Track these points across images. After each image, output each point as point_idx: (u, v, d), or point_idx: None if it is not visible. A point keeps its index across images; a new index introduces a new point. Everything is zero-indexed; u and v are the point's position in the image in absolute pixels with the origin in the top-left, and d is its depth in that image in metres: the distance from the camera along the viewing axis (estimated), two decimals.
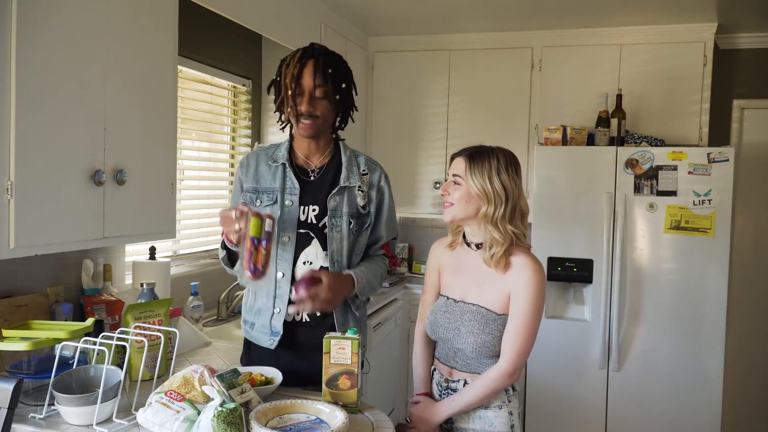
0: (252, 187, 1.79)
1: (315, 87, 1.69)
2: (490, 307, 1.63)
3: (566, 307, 3.46)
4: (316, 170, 1.80)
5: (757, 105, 3.79)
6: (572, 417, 3.39)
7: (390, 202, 1.87)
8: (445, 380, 1.71)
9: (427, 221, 4.32)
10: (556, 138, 3.47)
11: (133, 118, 1.93)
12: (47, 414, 1.50)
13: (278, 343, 1.75)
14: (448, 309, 1.71)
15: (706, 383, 3.21)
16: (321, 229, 1.75)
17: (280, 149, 1.82)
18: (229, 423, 1.26)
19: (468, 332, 1.63)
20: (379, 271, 1.86)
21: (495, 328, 1.62)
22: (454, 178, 1.67)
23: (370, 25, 3.79)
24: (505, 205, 1.60)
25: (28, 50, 1.54)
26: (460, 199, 1.64)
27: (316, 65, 1.69)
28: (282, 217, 1.73)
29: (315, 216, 1.75)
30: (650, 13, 3.37)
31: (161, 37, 2.05)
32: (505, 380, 1.61)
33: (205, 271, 2.93)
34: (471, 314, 1.65)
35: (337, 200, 1.76)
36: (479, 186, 1.61)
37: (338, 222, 1.75)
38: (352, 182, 1.77)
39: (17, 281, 1.95)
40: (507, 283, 1.62)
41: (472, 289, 1.68)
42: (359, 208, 1.78)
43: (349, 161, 1.80)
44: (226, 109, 3.19)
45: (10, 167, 1.52)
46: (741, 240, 3.84)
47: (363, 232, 1.81)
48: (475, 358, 1.65)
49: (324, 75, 1.69)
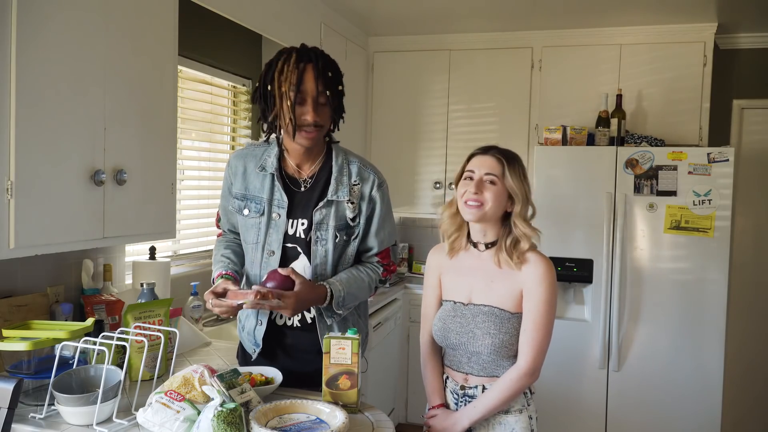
0: (240, 193, 1.74)
1: (318, 93, 1.57)
2: (502, 306, 1.62)
3: (566, 307, 3.46)
4: (307, 180, 1.71)
5: (757, 105, 3.79)
6: (572, 417, 3.39)
7: (383, 212, 1.75)
8: (461, 387, 1.68)
9: (427, 221, 4.32)
10: (556, 138, 3.47)
11: (133, 118, 1.93)
12: (47, 414, 1.50)
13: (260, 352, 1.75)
14: (457, 313, 1.67)
15: (706, 383, 3.20)
16: (308, 243, 1.68)
17: (270, 155, 1.72)
18: (229, 423, 1.26)
19: (484, 334, 1.60)
20: (366, 281, 1.73)
21: (511, 326, 1.60)
22: (490, 178, 1.63)
23: (370, 25, 3.79)
24: (527, 204, 1.65)
25: (28, 50, 1.54)
26: (495, 199, 1.62)
27: (316, 69, 1.57)
28: (269, 231, 1.69)
29: (303, 230, 1.68)
30: (650, 13, 3.37)
31: (161, 37, 2.05)
32: (527, 379, 1.60)
33: (205, 271, 2.92)
34: (484, 315, 1.62)
35: (324, 213, 1.67)
36: (517, 186, 1.63)
37: (323, 235, 1.67)
38: (340, 196, 1.67)
39: (17, 281, 1.95)
40: (520, 280, 1.61)
41: (479, 289, 1.66)
42: (348, 220, 1.69)
43: (339, 171, 1.69)
44: (226, 109, 3.19)
45: (10, 167, 1.52)
46: (741, 240, 3.83)
47: (351, 243, 1.72)
48: (492, 360, 1.62)
49: (326, 80, 1.57)
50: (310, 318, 1.74)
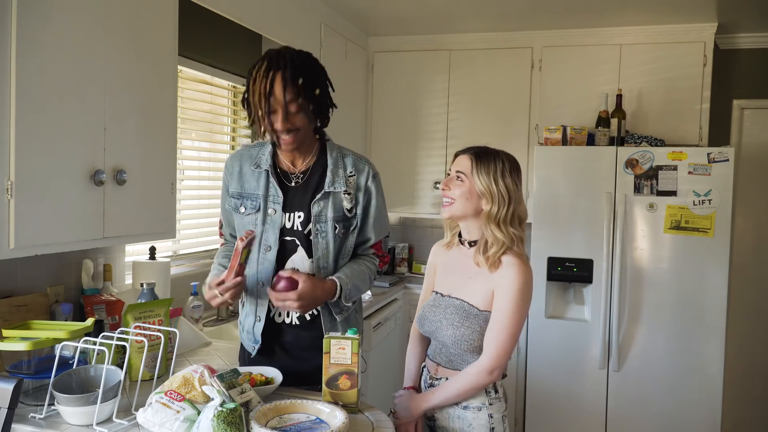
0: (237, 192, 1.76)
1: (287, 103, 1.56)
2: (472, 302, 1.64)
3: (566, 307, 3.46)
4: (300, 174, 1.73)
5: (757, 105, 3.79)
6: (572, 417, 3.39)
7: (379, 203, 1.78)
8: (430, 377, 1.74)
9: (427, 221, 4.32)
10: (556, 138, 3.47)
11: (133, 118, 1.93)
12: (47, 414, 1.50)
13: (259, 350, 1.76)
14: (435, 303, 1.74)
15: (706, 383, 3.20)
16: (306, 235, 1.70)
17: (264, 152, 1.74)
18: (229, 423, 1.26)
19: (448, 324, 1.65)
20: (367, 273, 1.78)
21: (475, 323, 1.62)
22: (458, 175, 1.66)
23: (370, 25, 3.79)
24: (507, 207, 1.61)
25: (28, 50, 1.54)
26: (462, 196, 1.64)
27: (284, 78, 1.54)
28: (264, 226, 1.70)
29: (300, 222, 1.70)
30: (650, 13, 3.37)
31: (161, 37, 2.05)
32: (485, 376, 1.60)
33: (205, 271, 2.92)
34: (453, 308, 1.66)
35: (321, 205, 1.69)
36: (485, 185, 1.61)
37: (323, 227, 1.69)
38: (337, 187, 1.70)
39: (17, 281, 1.95)
40: (493, 280, 1.62)
41: (458, 285, 1.70)
42: (345, 211, 1.72)
43: (335, 163, 1.72)
44: (226, 109, 3.19)
45: (10, 167, 1.52)
46: (741, 240, 3.84)
47: (350, 235, 1.75)
48: (456, 354, 1.66)
49: (295, 88, 1.55)
50: (308, 315, 1.75)
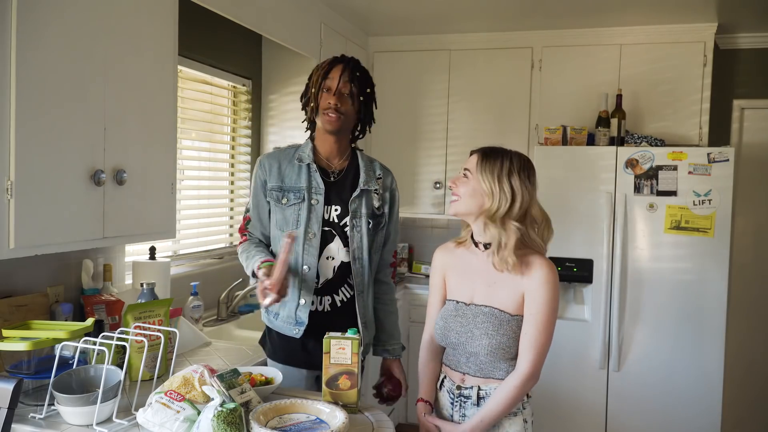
0: (277, 185, 1.89)
1: (341, 83, 1.82)
2: (502, 308, 1.61)
3: (566, 307, 3.46)
4: (337, 172, 1.92)
5: (757, 105, 3.79)
6: (572, 417, 3.39)
7: (398, 206, 2.03)
8: (457, 387, 1.68)
9: (427, 221, 4.32)
10: (556, 138, 3.47)
11: (133, 118, 1.93)
12: (47, 414, 1.50)
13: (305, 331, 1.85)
14: (458, 313, 1.67)
15: (706, 383, 3.20)
16: (342, 227, 1.88)
17: (304, 150, 1.92)
18: (229, 423, 1.26)
19: (482, 334, 1.60)
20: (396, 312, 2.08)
21: (509, 329, 1.59)
22: (464, 172, 1.66)
23: (370, 25, 3.79)
24: (511, 206, 1.57)
25: (28, 50, 1.54)
26: (466, 193, 1.63)
27: (344, 67, 1.85)
28: (309, 215, 1.85)
29: (337, 215, 1.89)
30: (650, 13, 3.37)
31: (161, 37, 2.05)
32: (528, 383, 1.59)
33: (205, 271, 2.93)
34: (483, 316, 1.62)
35: (357, 203, 1.89)
36: (487, 183, 1.59)
37: (359, 222, 1.89)
38: (370, 186, 1.92)
39: (17, 281, 1.95)
40: (522, 284, 1.59)
41: (481, 290, 1.65)
42: (374, 209, 1.92)
43: (366, 166, 1.94)
44: (226, 109, 3.20)
45: (10, 167, 1.52)
46: (741, 240, 3.83)
47: (379, 231, 1.96)
48: (489, 362, 1.62)
49: (351, 75, 1.84)
50: (339, 301, 1.89)
